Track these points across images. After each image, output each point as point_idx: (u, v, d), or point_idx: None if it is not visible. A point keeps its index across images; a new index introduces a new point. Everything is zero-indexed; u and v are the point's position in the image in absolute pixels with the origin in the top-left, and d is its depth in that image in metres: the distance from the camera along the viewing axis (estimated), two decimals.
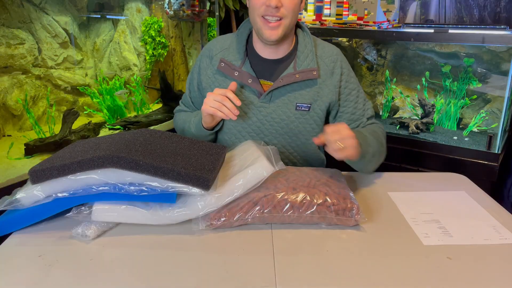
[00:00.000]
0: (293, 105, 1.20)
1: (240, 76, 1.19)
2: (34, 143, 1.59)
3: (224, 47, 1.25)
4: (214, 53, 1.26)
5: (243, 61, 1.21)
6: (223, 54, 1.24)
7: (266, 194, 0.92)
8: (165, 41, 2.38)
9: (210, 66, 1.26)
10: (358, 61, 2.40)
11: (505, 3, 2.09)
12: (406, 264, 0.80)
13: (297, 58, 1.20)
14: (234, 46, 1.23)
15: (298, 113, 1.20)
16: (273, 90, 1.19)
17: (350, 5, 2.06)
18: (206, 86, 1.26)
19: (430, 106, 2.12)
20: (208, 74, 1.26)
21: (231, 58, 1.22)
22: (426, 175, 1.26)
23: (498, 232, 0.92)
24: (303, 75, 1.18)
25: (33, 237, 0.88)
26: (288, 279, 0.75)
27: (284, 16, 1.11)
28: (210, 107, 1.09)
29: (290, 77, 1.17)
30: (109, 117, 2.01)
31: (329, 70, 1.21)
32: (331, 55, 1.23)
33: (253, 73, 1.20)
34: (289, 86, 1.19)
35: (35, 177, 0.86)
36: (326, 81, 1.21)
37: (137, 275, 0.76)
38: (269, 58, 1.22)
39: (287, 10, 1.10)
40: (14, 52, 1.75)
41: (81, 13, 2.08)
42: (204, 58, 1.29)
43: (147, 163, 0.86)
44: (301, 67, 1.18)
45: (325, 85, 1.21)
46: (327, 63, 1.22)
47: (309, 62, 1.19)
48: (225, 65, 1.21)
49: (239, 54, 1.22)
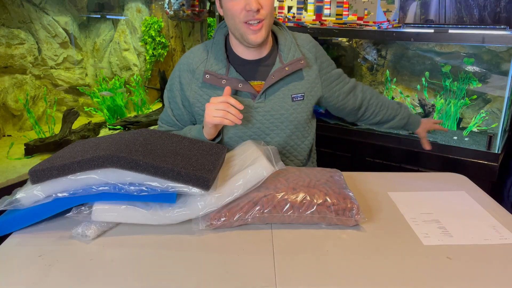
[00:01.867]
0: (289, 97, 1.22)
1: (229, 83, 1.18)
2: (34, 143, 1.59)
3: (203, 58, 1.23)
4: (195, 66, 1.23)
5: (227, 68, 1.19)
6: (204, 65, 1.21)
7: (266, 194, 0.92)
8: (165, 41, 2.38)
9: (194, 81, 1.23)
10: (358, 61, 2.40)
11: (505, 3, 2.09)
12: (406, 264, 0.80)
13: (281, 52, 1.22)
14: (213, 55, 1.21)
15: (295, 104, 1.23)
16: (267, 88, 1.19)
17: (350, 5, 2.06)
18: (194, 101, 1.23)
19: (430, 106, 2.12)
20: (193, 89, 1.23)
21: (215, 67, 1.20)
22: (426, 175, 1.26)
23: (498, 232, 0.92)
24: (292, 66, 1.20)
25: (33, 237, 0.88)
26: (288, 279, 0.75)
27: (264, 17, 1.12)
28: (214, 117, 1.08)
29: (281, 71, 1.19)
30: (109, 117, 2.01)
31: (312, 56, 1.26)
32: (308, 43, 1.28)
33: (241, 77, 1.19)
34: (281, 81, 1.21)
35: (35, 177, 0.86)
36: (312, 67, 1.26)
37: (137, 275, 0.76)
38: (253, 59, 1.22)
39: (266, 10, 1.11)
40: (14, 52, 1.75)
41: (81, 13, 2.08)
42: (185, 73, 1.24)
43: (147, 163, 0.86)
44: (288, 60, 1.21)
45: (312, 71, 1.25)
46: (308, 50, 1.27)
47: (294, 53, 1.21)
48: (211, 76, 1.19)
49: (221, 62, 1.20)
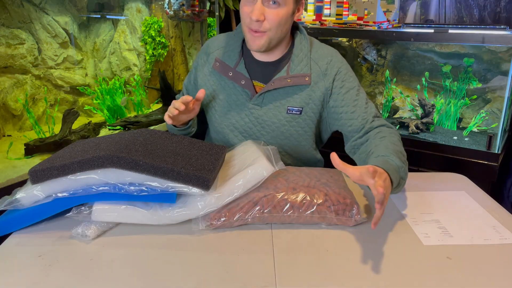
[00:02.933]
0: (284, 108, 1.18)
1: (234, 76, 1.19)
2: (34, 143, 1.59)
3: (220, 46, 1.25)
4: (211, 50, 1.26)
5: (237, 61, 1.20)
6: (218, 53, 1.24)
7: (266, 194, 0.92)
8: (165, 41, 2.38)
9: (206, 64, 1.27)
10: (358, 61, 2.40)
11: (505, 3, 2.09)
12: (406, 264, 0.80)
13: (291, 62, 1.18)
14: (230, 46, 1.23)
15: (289, 116, 1.19)
16: (264, 92, 1.18)
17: (350, 5, 2.06)
18: (201, 83, 1.27)
19: (430, 106, 2.12)
20: (204, 72, 1.27)
21: (226, 57, 1.22)
22: (426, 175, 1.26)
23: (498, 232, 0.92)
24: (295, 80, 1.16)
25: (33, 237, 0.88)
26: (288, 279, 0.75)
27: (267, 29, 1.08)
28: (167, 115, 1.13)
29: (282, 81, 1.16)
30: (109, 117, 2.01)
31: (321, 72, 1.18)
32: (326, 57, 1.20)
33: (247, 74, 1.19)
34: (281, 89, 1.18)
35: (35, 177, 0.86)
36: (318, 83, 1.18)
37: (137, 275, 0.76)
38: (263, 60, 1.21)
39: (270, 24, 1.07)
40: (14, 52, 1.75)
41: (81, 13, 2.08)
42: (202, 55, 1.29)
43: (147, 163, 0.86)
44: (294, 72, 1.16)
45: (317, 88, 1.18)
46: (320, 66, 1.19)
47: (303, 67, 1.17)
48: (220, 64, 1.21)
49: (234, 54, 1.21)
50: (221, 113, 1.25)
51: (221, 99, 1.24)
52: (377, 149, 1.04)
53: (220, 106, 1.25)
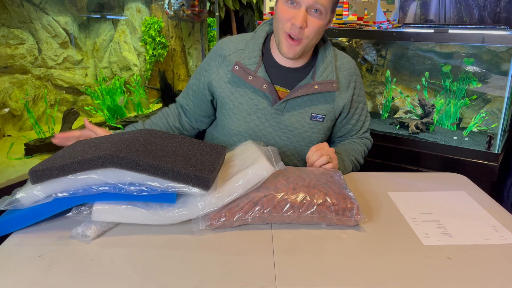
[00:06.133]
0: (308, 115, 1.19)
1: (255, 81, 1.17)
2: (34, 143, 1.59)
3: (238, 48, 1.22)
4: (228, 53, 1.22)
5: (258, 65, 1.18)
6: (237, 56, 1.21)
7: (266, 194, 0.92)
8: (165, 41, 2.38)
9: (222, 66, 1.23)
10: (358, 61, 2.40)
11: (505, 3, 2.09)
12: (406, 264, 0.80)
13: (317, 69, 1.18)
14: (250, 49, 1.20)
15: (312, 123, 1.20)
16: (289, 99, 1.17)
17: (350, 5, 2.06)
18: (216, 85, 1.23)
19: (430, 106, 2.12)
20: (220, 74, 1.23)
21: (246, 61, 1.19)
22: (426, 175, 1.26)
23: (498, 232, 0.92)
24: (322, 86, 1.16)
25: (33, 237, 0.88)
26: (288, 279, 0.75)
27: (305, 37, 1.09)
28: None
29: (309, 88, 1.16)
30: (109, 117, 2.01)
31: (345, 83, 1.22)
32: (349, 68, 1.23)
33: (268, 78, 1.17)
34: (306, 97, 1.18)
35: (35, 177, 0.86)
36: (341, 94, 1.21)
37: (137, 275, 0.76)
38: (287, 66, 1.20)
39: (310, 32, 1.08)
40: (14, 52, 1.75)
41: (81, 13, 2.08)
42: (215, 56, 1.25)
43: (147, 163, 0.86)
44: (320, 78, 1.17)
45: (340, 98, 1.21)
46: (345, 76, 1.22)
47: (329, 74, 1.17)
48: (240, 68, 1.18)
49: (254, 57, 1.19)
50: (239, 116, 1.22)
51: (240, 103, 1.21)
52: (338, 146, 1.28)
53: (239, 110, 1.22)
